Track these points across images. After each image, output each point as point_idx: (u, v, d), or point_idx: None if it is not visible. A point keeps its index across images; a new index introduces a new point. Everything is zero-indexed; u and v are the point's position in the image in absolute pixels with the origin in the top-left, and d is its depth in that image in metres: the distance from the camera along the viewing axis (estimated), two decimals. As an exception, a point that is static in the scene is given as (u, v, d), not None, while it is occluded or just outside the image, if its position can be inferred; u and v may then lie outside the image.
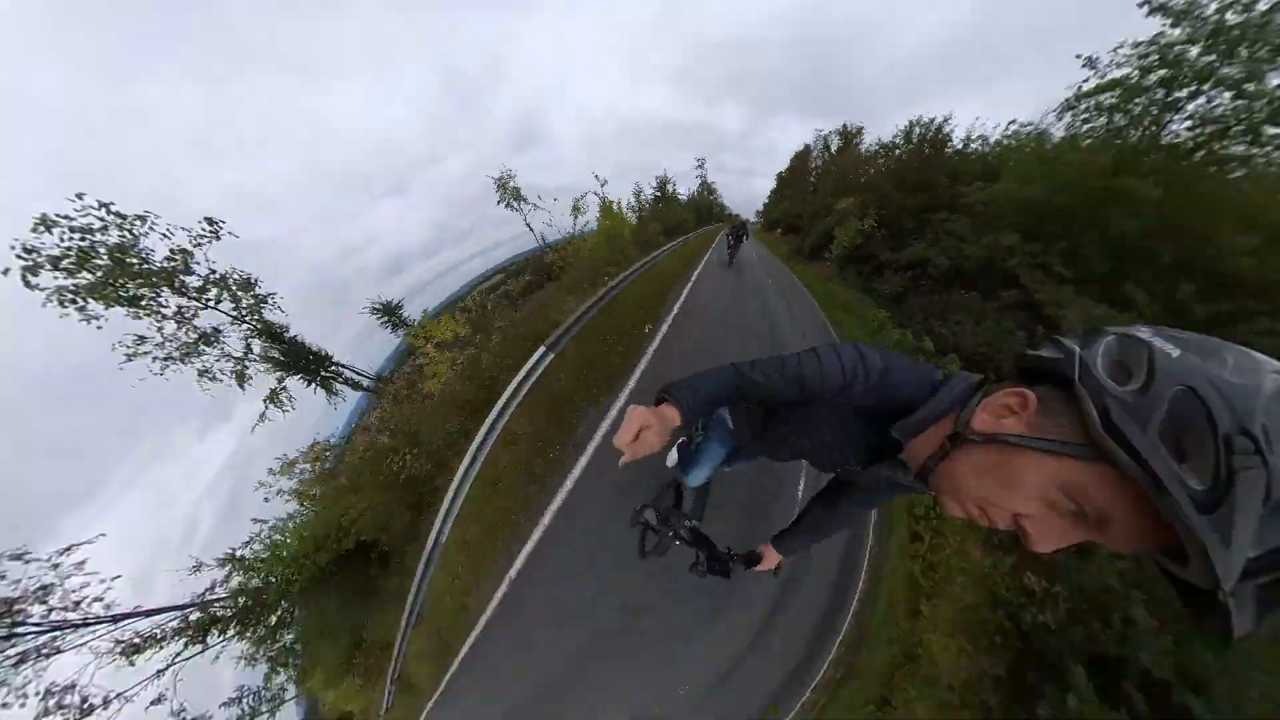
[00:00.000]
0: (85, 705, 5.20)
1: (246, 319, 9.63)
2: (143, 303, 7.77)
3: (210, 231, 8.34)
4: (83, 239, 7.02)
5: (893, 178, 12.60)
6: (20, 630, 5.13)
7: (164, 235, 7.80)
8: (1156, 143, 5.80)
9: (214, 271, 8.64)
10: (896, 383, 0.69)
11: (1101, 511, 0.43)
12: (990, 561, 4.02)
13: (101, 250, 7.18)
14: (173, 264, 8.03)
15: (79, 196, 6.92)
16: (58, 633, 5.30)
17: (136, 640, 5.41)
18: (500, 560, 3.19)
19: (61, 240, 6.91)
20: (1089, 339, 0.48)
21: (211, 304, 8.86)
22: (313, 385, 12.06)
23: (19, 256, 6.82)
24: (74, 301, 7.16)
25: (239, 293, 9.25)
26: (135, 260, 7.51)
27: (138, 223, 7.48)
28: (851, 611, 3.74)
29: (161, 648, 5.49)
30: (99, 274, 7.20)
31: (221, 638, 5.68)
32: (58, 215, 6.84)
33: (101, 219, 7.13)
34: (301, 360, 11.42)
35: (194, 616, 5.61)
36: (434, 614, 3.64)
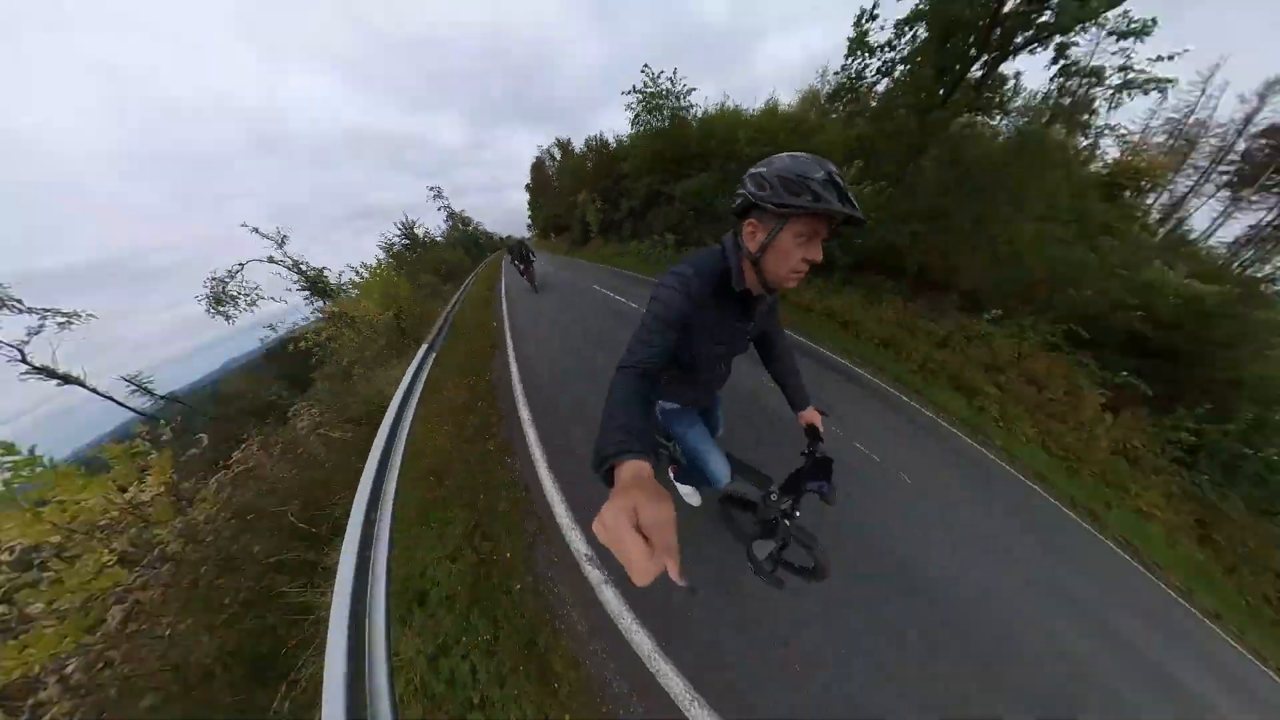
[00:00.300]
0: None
1: None
2: None
3: None
4: None
5: (593, 173, 21.30)
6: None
7: None
8: (664, 124, 14.89)
9: None
10: (708, 268, 1.08)
11: (813, 229, 0.94)
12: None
13: None
14: None
15: None
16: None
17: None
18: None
19: None
20: (742, 184, 1.00)
21: None
22: None
23: None
24: None
25: None
26: None
27: None
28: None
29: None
30: None
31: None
32: None
33: None
34: None
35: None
36: None
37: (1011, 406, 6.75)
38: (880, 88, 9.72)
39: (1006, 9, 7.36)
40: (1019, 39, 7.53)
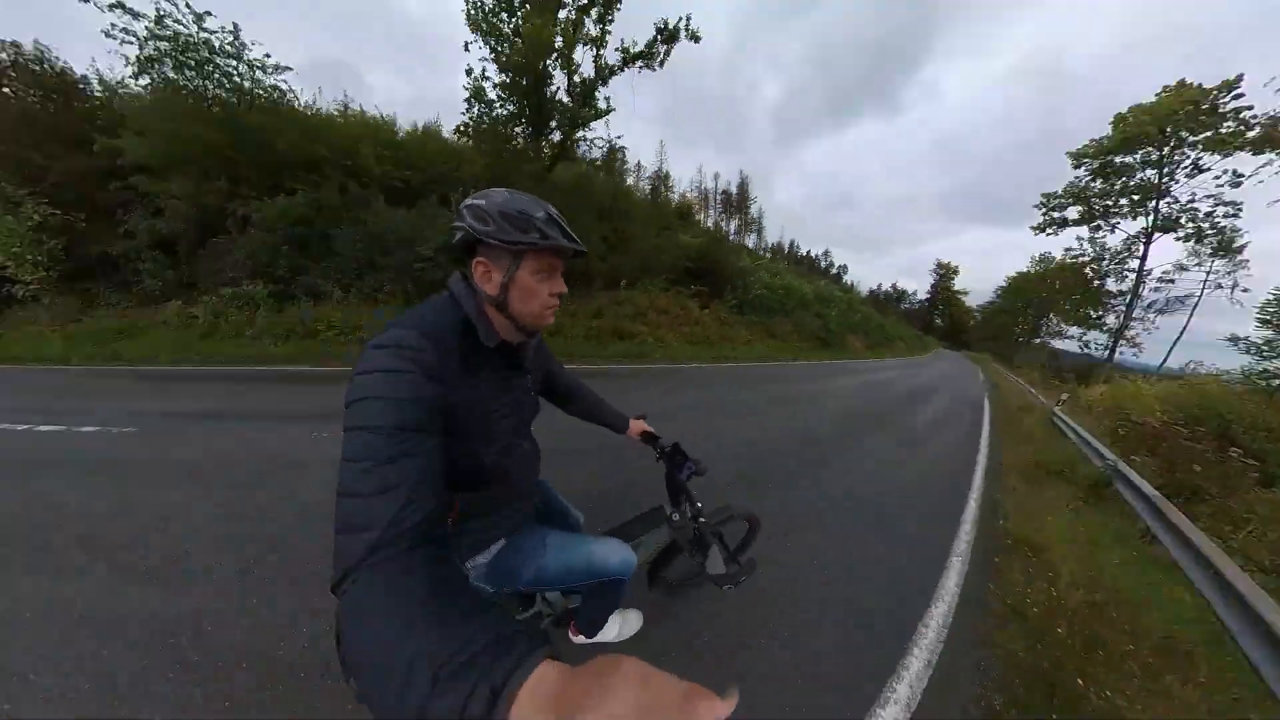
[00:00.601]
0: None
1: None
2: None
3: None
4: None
5: (19, 128, 10.34)
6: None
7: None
8: (222, 95, 10.20)
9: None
10: (442, 325, 0.78)
11: (551, 264, 0.84)
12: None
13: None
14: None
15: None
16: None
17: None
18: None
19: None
20: (460, 216, 0.82)
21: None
22: None
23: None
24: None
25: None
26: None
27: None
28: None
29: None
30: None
31: None
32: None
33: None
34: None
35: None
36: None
37: (660, 331, 11.91)
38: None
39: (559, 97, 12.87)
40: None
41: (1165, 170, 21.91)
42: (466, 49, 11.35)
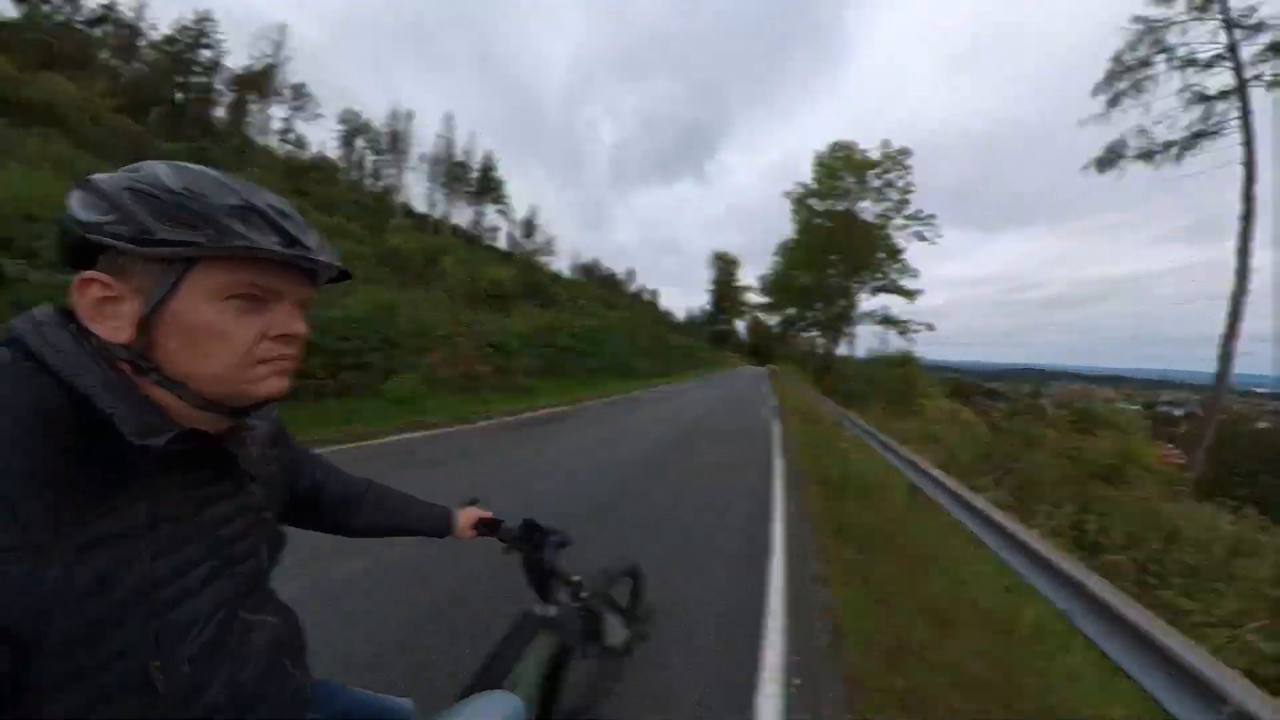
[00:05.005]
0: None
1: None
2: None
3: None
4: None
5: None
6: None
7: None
8: None
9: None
10: (32, 417, 0.37)
11: (256, 281, 0.45)
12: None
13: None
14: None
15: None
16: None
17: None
18: None
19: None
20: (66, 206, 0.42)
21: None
22: None
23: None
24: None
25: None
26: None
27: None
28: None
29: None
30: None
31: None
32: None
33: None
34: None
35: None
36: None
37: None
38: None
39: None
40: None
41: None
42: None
